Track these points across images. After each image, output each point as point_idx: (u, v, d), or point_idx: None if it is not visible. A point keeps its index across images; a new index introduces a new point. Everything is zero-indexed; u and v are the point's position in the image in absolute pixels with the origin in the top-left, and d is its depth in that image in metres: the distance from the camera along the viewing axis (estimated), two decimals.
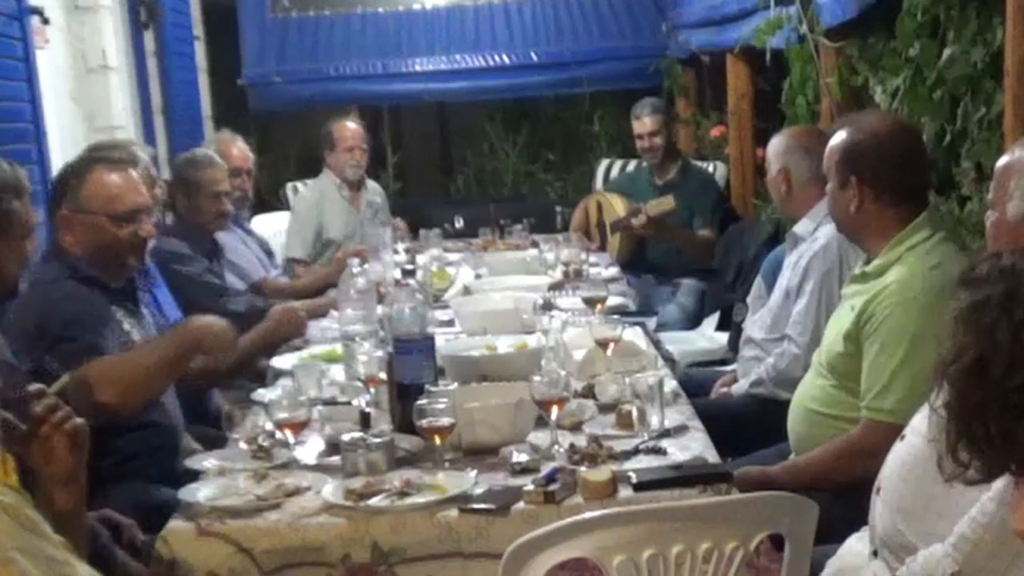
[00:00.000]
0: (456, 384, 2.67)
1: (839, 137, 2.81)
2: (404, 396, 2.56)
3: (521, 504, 2.21)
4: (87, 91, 5.21)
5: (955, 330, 1.54)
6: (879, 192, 2.73)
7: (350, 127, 5.74)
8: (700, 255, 5.54)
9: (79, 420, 1.97)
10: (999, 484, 1.65)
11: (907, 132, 2.84)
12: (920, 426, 2.11)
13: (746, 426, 3.18)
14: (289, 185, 6.63)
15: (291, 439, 2.51)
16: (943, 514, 1.97)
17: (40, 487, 1.89)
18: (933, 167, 3.13)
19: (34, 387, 1.97)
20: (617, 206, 5.60)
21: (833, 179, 2.81)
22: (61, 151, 4.55)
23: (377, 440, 2.40)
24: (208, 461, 2.56)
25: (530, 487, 2.23)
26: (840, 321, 2.79)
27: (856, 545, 2.22)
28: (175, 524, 2.22)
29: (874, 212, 2.75)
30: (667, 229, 5.49)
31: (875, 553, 2.14)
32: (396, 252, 4.73)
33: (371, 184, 5.97)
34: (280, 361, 3.44)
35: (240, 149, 4.89)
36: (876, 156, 2.73)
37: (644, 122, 5.69)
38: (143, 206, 3.00)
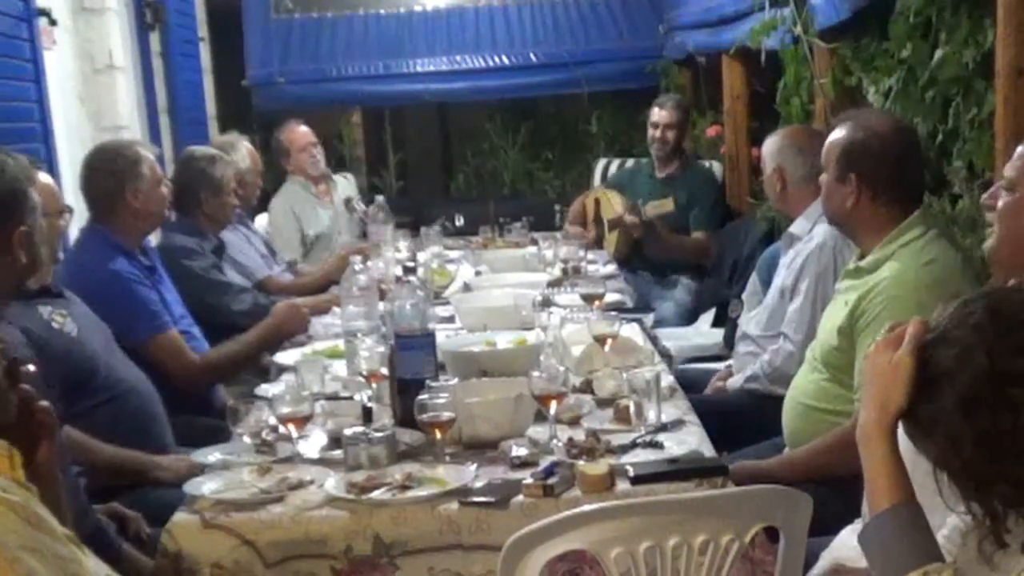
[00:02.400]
0: (456, 379, 2.67)
1: (841, 132, 2.79)
2: (405, 391, 2.56)
3: (520, 497, 2.21)
4: (94, 91, 5.21)
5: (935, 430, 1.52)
6: (877, 191, 2.72)
7: (298, 131, 5.83)
8: (693, 258, 5.52)
9: (43, 403, 1.93)
10: None
11: (907, 133, 2.83)
12: None
13: (741, 421, 3.18)
14: None
15: (294, 433, 2.51)
16: (934, 504, 1.97)
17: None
18: (927, 167, 3.12)
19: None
20: (615, 203, 5.60)
21: (831, 172, 2.80)
22: (68, 150, 4.55)
23: (379, 434, 2.40)
24: (213, 455, 2.56)
25: (529, 480, 2.22)
26: (834, 315, 2.79)
27: (849, 538, 2.22)
28: (180, 517, 2.22)
29: (870, 209, 2.74)
30: (659, 235, 5.47)
31: None
32: (398, 250, 4.73)
33: (336, 177, 6.03)
34: (283, 357, 3.44)
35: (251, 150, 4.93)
36: (877, 156, 2.71)
37: (664, 112, 5.65)
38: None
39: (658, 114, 5.69)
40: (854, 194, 2.74)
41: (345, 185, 5.99)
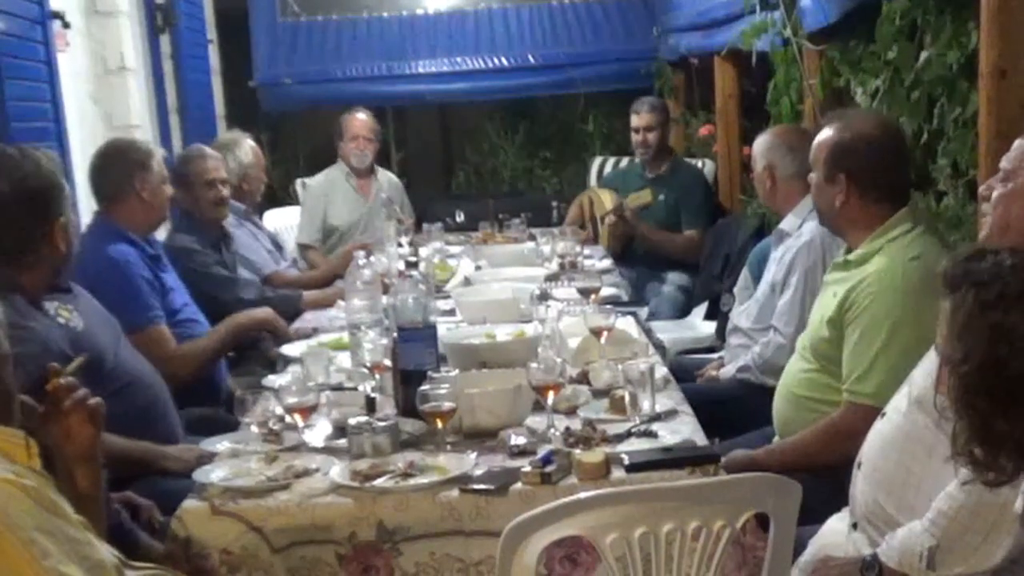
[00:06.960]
0: (457, 370, 2.66)
1: (828, 133, 2.78)
2: (408, 382, 2.55)
3: (519, 485, 2.20)
4: (106, 92, 5.20)
5: (961, 328, 1.51)
6: (865, 190, 2.72)
7: (358, 118, 5.81)
8: (683, 255, 5.52)
9: (96, 398, 1.96)
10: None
11: (892, 132, 2.82)
12: (899, 405, 2.11)
13: (733, 410, 3.18)
14: (298, 181, 6.63)
15: (300, 423, 2.51)
16: (920, 488, 1.97)
17: (61, 467, 1.88)
18: (913, 165, 3.11)
19: (50, 365, 1.95)
20: (606, 200, 5.62)
21: (819, 172, 2.79)
22: (82, 150, 4.54)
23: (382, 424, 2.40)
24: (221, 444, 2.56)
25: (527, 468, 2.22)
26: (823, 307, 2.78)
27: (837, 524, 2.22)
28: (190, 504, 2.21)
29: (859, 207, 2.73)
30: (641, 231, 5.48)
31: (855, 526, 2.14)
32: (400, 245, 4.73)
33: (385, 174, 6.00)
34: (290, 349, 3.44)
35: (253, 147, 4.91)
36: (865, 156, 2.71)
37: (641, 116, 5.70)
38: None
39: (636, 118, 5.74)
40: (843, 193, 2.73)
41: (388, 182, 5.96)
